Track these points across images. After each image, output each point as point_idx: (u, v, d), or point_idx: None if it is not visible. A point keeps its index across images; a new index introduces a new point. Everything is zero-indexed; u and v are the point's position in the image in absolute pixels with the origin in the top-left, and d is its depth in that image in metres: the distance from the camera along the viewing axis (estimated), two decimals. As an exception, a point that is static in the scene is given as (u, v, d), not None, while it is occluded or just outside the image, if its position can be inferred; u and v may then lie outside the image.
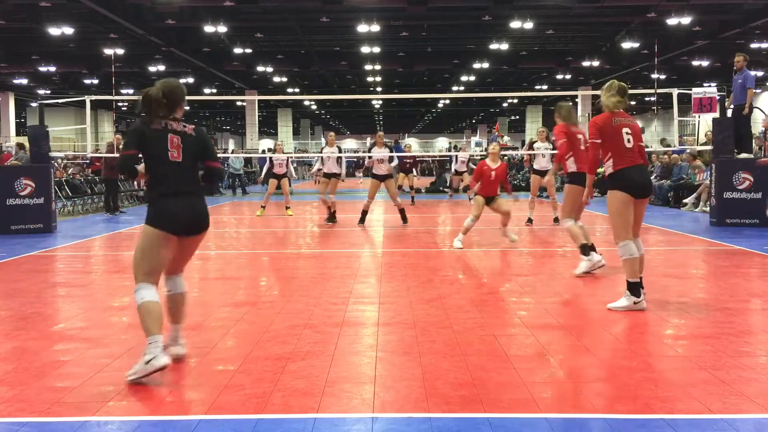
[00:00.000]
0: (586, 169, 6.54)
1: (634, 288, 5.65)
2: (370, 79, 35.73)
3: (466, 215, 13.64)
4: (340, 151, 13.49)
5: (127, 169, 4.20)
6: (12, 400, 3.69)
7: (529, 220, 12.59)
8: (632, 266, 5.67)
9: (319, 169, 13.91)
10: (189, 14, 22.26)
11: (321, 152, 13.57)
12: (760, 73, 31.27)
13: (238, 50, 27.10)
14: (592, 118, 6.19)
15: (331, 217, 13.19)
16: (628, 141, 5.78)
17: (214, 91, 37.74)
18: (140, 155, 4.17)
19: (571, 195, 7.41)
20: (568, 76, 33.79)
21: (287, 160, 15.12)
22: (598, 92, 6.74)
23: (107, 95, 27.54)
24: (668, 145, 19.47)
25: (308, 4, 20.98)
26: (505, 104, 49.93)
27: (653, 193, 17.37)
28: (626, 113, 5.96)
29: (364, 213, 12.83)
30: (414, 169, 18.67)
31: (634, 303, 5.64)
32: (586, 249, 7.37)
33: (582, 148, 7.44)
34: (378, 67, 30.92)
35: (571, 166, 7.56)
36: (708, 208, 12.95)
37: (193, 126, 4.36)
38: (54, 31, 21.68)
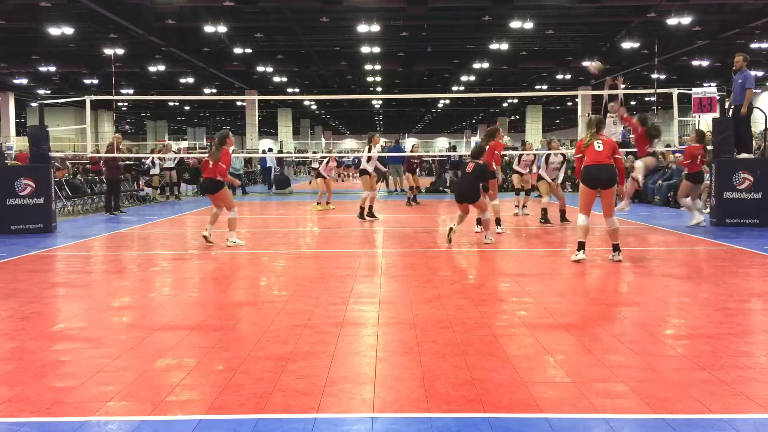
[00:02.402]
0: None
1: (580, 245, 7.84)
2: (370, 79, 35.74)
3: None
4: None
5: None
6: (12, 400, 3.69)
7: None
8: (581, 231, 7.93)
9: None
10: (189, 14, 22.28)
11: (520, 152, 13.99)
12: (760, 73, 31.28)
13: (238, 50, 27.11)
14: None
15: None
16: (599, 147, 7.91)
17: (214, 91, 37.75)
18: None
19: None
20: (568, 76, 33.81)
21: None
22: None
23: (107, 95, 27.59)
24: (668, 146, 19.45)
25: (308, 4, 20.99)
26: (505, 104, 49.97)
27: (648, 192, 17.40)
28: (602, 134, 8.24)
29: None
30: (417, 169, 18.95)
31: (575, 256, 7.89)
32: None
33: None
34: (378, 67, 30.92)
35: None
36: (708, 209, 12.94)
37: (481, 161, 9.66)
38: (54, 31, 21.70)
